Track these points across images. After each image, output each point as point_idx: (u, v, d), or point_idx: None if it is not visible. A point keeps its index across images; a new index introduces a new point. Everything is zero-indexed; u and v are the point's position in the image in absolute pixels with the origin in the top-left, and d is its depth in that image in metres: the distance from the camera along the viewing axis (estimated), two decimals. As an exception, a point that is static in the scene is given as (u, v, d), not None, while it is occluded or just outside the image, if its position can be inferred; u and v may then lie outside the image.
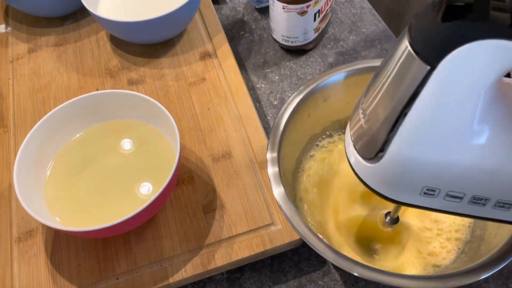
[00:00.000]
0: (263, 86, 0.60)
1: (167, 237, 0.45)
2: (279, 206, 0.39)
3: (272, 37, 0.62)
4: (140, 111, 0.49)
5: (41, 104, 0.57)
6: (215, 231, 0.45)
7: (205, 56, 0.60)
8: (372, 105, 0.29)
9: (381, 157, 0.29)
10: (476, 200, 0.30)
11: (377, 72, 0.29)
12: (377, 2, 0.71)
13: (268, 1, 0.64)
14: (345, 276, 0.45)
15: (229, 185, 0.48)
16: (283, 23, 0.57)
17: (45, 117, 0.47)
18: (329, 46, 0.63)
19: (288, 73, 0.61)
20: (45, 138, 0.47)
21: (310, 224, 0.45)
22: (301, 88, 0.46)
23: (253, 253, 0.44)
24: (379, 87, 0.29)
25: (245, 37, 0.65)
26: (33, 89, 0.59)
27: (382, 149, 0.29)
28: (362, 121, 0.30)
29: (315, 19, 0.57)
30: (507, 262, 0.35)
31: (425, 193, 0.30)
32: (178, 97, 0.56)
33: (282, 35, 0.59)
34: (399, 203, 0.31)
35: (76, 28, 0.65)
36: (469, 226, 0.44)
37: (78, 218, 0.44)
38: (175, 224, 0.46)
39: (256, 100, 0.58)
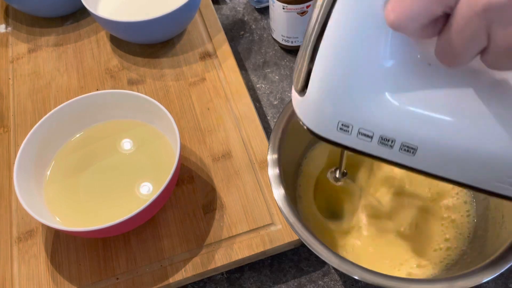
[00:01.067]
0: (263, 86, 0.60)
1: (167, 237, 0.45)
2: (280, 209, 0.39)
3: (272, 37, 0.62)
4: (140, 111, 0.49)
5: (41, 104, 0.57)
6: (215, 231, 0.45)
7: (205, 56, 0.60)
8: (303, 40, 0.30)
9: (306, 89, 0.31)
10: (384, 141, 0.30)
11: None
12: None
13: (268, 1, 0.64)
14: (345, 276, 0.45)
15: (229, 185, 0.48)
16: (283, 23, 0.57)
17: (45, 117, 0.47)
18: (329, 46, 0.63)
19: (288, 73, 0.61)
20: (45, 138, 0.47)
21: (306, 221, 0.45)
22: None
23: (253, 253, 0.44)
24: (308, 23, 0.30)
25: (245, 37, 0.65)
26: (33, 89, 0.59)
27: (307, 81, 0.30)
28: (297, 56, 0.32)
29: (315, 19, 0.57)
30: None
31: (341, 129, 0.31)
32: (178, 97, 0.56)
33: (282, 35, 0.60)
34: (322, 139, 0.32)
35: (76, 28, 0.65)
36: (468, 235, 0.44)
37: (78, 218, 0.45)
38: (175, 224, 0.46)
39: (256, 100, 0.58)
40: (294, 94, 0.32)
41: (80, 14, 0.67)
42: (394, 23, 0.23)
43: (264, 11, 0.68)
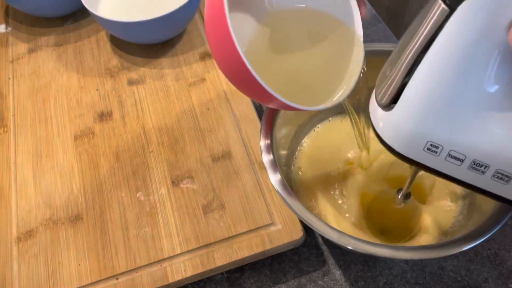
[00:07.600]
0: (263, 86, 0.60)
1: (167, 237, 0.45)
2: (277, 192, 0.39)
3: (272, 37, 0.62)
4: None
5: (41, 104, 0.57)
6: (215, 231, 0.45)
7: (205, 56, 0.60)
8: (396, 53, 0.29)
9: (395, 104, 0.29)
10: (476, 166, 0.29)
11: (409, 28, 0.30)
12: (377, 2, 0.71)
13: (268, 1, 0.64)
14: (345, 275, 0.45)
15: (229, 185, 0.48)
16: (283, 23, 0.57)
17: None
18: (329, 46, 0.63)
19: (288, 73, 0.61)
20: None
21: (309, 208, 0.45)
22: None
23: (252, 253, 0.44)
24: (404, 37, 0.29)
25: (245, 37, 0.65)
26: (33, 89, 0.59)
27: (398, 96, 0.29)
28: (385, 69, 0.30)
29: (315, 19, 0.57)
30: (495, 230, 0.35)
31: (428, 149, 0.29)
32: (178, 97, 0.56)
33: (282, 35, 0.59)
34: (403, 158, 0.31)
35: (76, 28, 0.65)
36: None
37: None
38: (175, 224, 0.46)
39: (256, 100, 0.58)
40: (376, 109, 0.31)
41: (80, 14, 0.67)
42: None
43: (264, 11, 0.68)
